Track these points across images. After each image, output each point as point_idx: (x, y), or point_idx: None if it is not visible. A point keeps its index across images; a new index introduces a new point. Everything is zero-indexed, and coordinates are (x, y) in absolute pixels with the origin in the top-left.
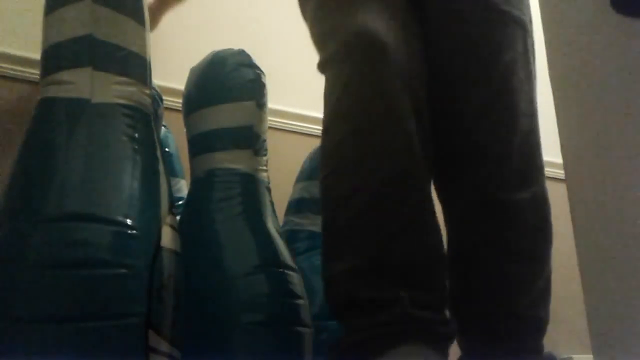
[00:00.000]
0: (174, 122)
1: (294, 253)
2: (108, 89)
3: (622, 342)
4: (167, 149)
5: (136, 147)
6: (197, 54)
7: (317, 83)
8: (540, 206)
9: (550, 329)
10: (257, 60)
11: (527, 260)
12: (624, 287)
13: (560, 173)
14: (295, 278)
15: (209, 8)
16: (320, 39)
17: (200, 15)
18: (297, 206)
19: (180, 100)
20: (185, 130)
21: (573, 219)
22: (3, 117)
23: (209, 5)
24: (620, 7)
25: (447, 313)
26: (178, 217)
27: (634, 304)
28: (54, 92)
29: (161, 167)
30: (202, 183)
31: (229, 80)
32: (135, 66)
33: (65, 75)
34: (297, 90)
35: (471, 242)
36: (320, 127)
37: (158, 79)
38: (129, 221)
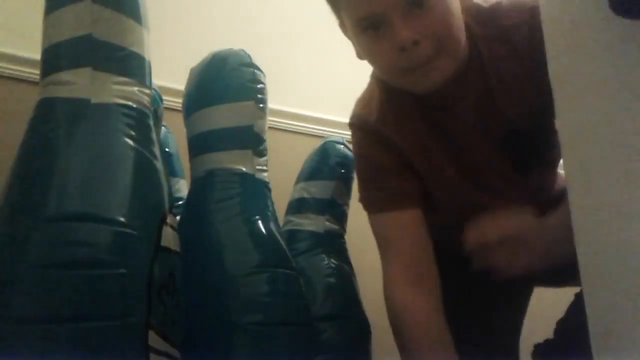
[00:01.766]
0: (174, 122)
1: (294, 253)
2: (108, 89)
3: (622, 342)
4: (167, 149)
5: (136, 147)
6: (197, 54)
7: (317, 83)
8: None
9: (551, 328)
10: (257, 60)
11: None
12: (624, 287)
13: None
14: (295, 278)
15: (208, 8)
16: None
17: (200, 15)
18: (297, 206)
19: (180, 100)
20: (185, 130)
21: (573, 219)
22: (2, 117)
23: (208, 5)
24: (619, 9)
25: None
26: (178, 217)
27: (634, 303)
28: (54, 92)
29: (161, 167)
30: (202, 183)
31: (229, 80)
32: (135, 66)
33: (65, 75)
34: (297, 90)
35: None
36: (320, 127)
37: (158, 79)
38: (129, 221)
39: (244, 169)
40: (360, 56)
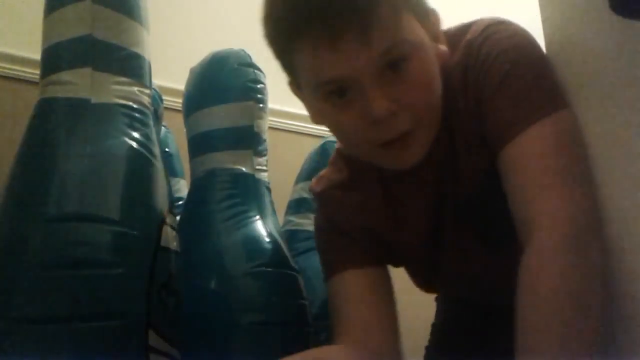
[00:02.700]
0: (174, 122)
1: (294, 253)
2: (108, 89)
3: (623, 342)
4: (167, 149)
5: (136, 146)
6: (197, 54)
7: None
8: None
9: None
10: (257, 60)
11: None
12: (624, 287)
13: None
14: (295, 278)
15: (209, 8)
16: None
17: (200, 15)
18: (297, 206)
19: (180, 100)
20: (185, 130)
21: None
22: (3, 117)
23: (208, 5)
24: (619, 9)
25: None
26: (178, 217)
27: (635, 303)
28: (53, 92)
29: (161, 167)
30: (202, 183)
31: (229, 80)
32: (135, 66)
33: (65, 75)
34: None
35: None
36: (320, 127)
37: (158, 79)
38: (128, 221)
39: (244, 169)
40: (317, 121)
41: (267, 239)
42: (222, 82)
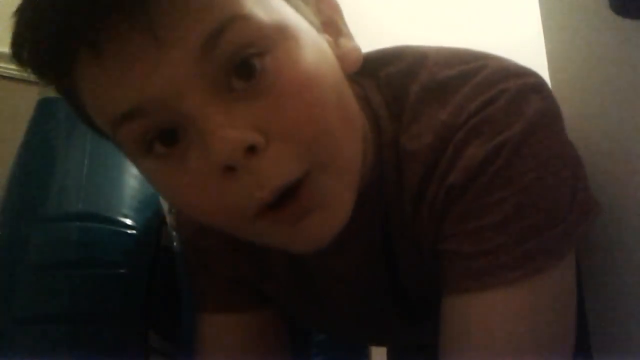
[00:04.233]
0: None
1: None
2: None
3: (622, 342)
4: None
5: None
6: None
7: None
8: None
9: None
10: None
11: None
12: (624, 287)
13: None
14: None
15: None
16: None
17: None
18: None
19: None
20: None
21: None
22: (3, 117)
23: None
24: (619, 9)
25: None
26: None
27: (634, 303)
28: (54, 92)
29: None
30: None
31: None
32: None
33: None
34: None
35: None
36: None
37: None
38: (129, 221)
39: None
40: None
41: None
42: None
